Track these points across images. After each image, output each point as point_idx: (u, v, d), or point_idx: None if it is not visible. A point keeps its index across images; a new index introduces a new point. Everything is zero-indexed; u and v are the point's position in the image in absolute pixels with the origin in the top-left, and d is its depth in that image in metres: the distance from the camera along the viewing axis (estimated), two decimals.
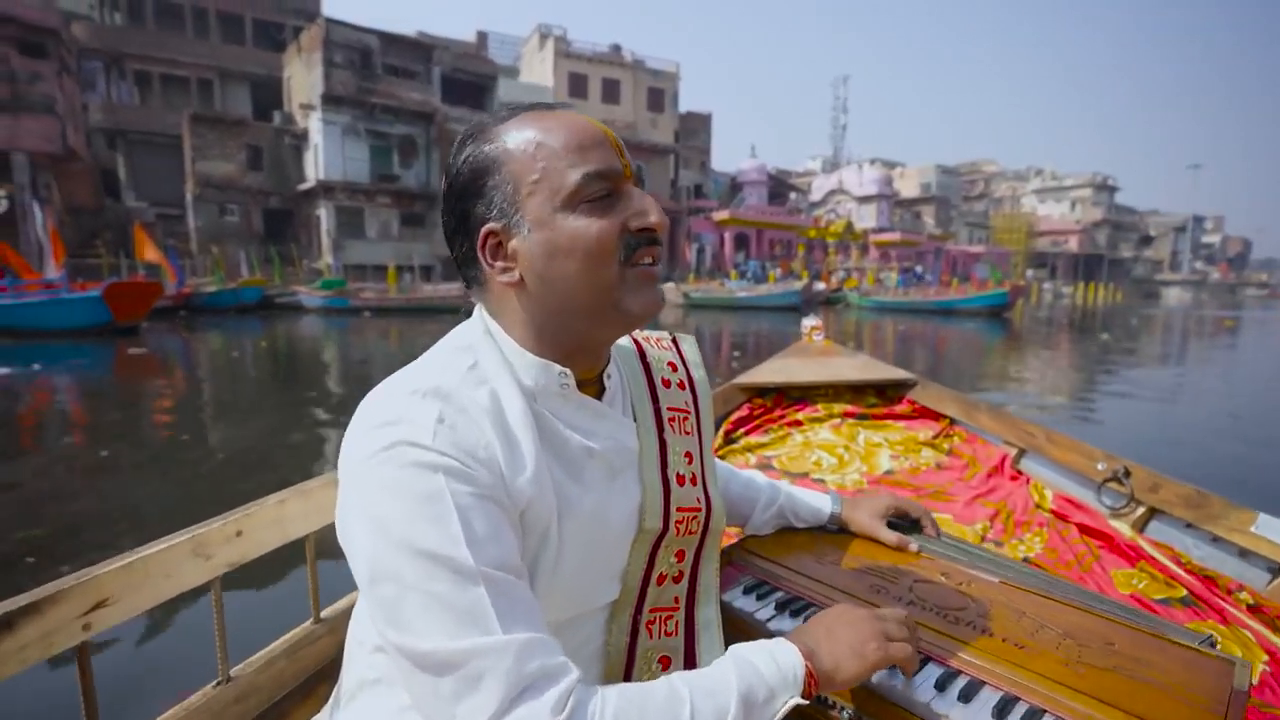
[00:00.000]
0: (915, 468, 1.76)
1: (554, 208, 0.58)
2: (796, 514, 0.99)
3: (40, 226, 13.75)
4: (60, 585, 0.70)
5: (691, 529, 0.73)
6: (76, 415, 5.68)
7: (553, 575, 0.60)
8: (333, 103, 22.46)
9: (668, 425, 0.74)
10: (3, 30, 16.17)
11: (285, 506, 0.95)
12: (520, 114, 0.61)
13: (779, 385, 2.22)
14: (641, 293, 0.61)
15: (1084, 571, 1.28)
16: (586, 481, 0.63)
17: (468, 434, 0.54)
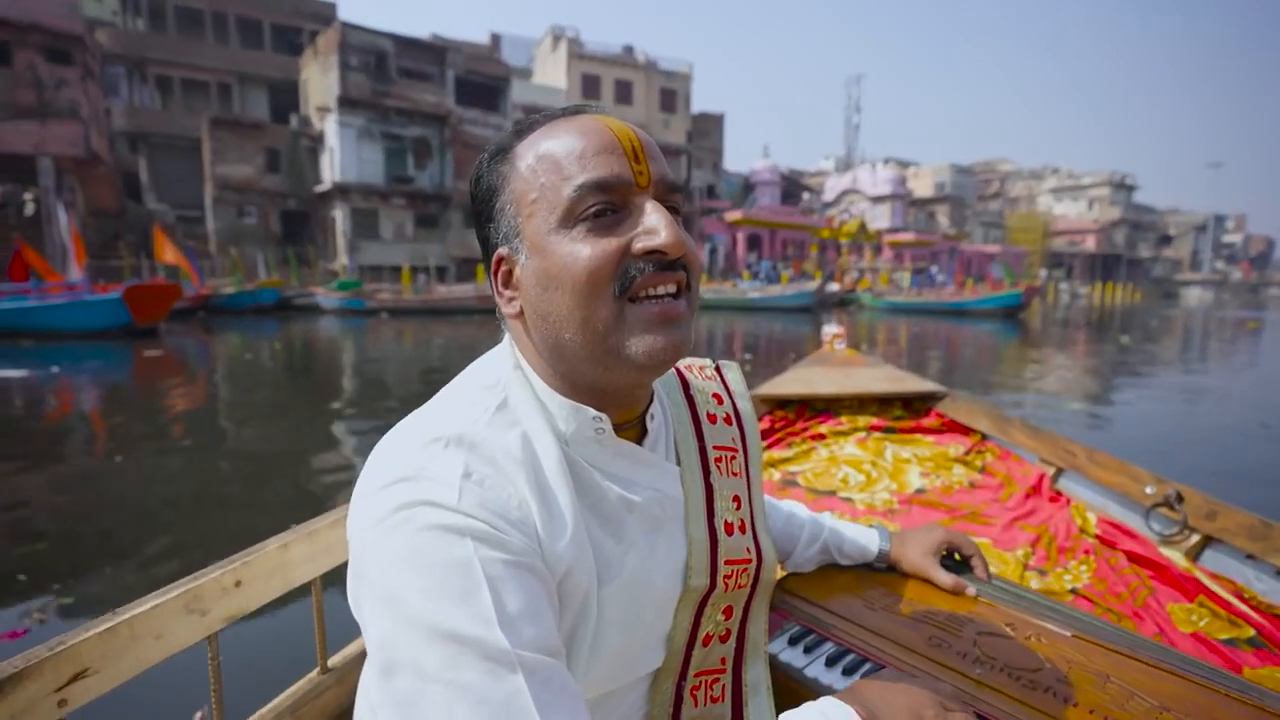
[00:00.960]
0: (948, 486, 1.71)
1: (550, 228, 0.50)
2: (842, 551, 0.92)
3: (64, 229, 14.00)
4: (30, 658, 0.61)
5: (741, 582, 0.67)
6: (92, 418, 5.75)
7: (592, 649, 0.53)
8: (348, 105, 22.65)
9: (714, 467, 0.66)
10: (30, 38, 16.48)
11: (289, 551, 0.87)
12: (541, 124, 0.54)
13: (801, 396, 2.18)
14: (649, 335, 0.49)
15: (1138, 606, 1.20)
16: (627, 539, 0.56)
17: (499, 490, 0.47)
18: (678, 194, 0.54)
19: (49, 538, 2.93)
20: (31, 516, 3.23)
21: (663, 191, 0.52)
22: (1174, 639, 1.10)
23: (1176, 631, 1.13)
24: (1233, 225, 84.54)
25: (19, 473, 3.92)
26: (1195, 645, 1.09)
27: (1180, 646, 1.08)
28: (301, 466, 4.13)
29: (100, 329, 11.22)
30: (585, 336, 0.50)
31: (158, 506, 3.34)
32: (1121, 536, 1.41)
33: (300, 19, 27.48)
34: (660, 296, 0.51)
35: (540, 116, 0.55)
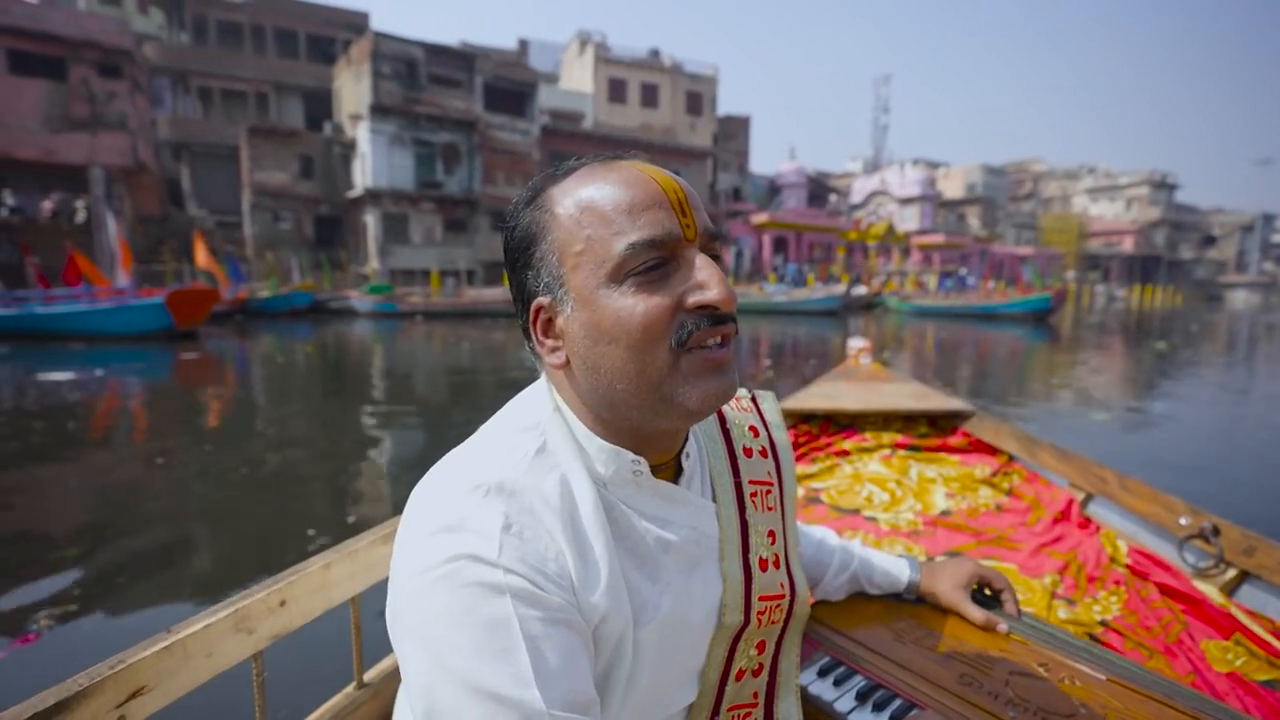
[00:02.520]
0: (974, 509, 1.70)
1: (598, 282, 0.50)
2: (872, 581, 0.92)
3: (112, 235, 14.57)
4: (94, 675, 0.65)
5: (774, 618, 0.67)
6: (132, 419, 6.00)
7: (627, 688, 0.55)
8: (380, 113, 23.14)
9: (749, 502, 0.67)
10: (84, 54, 17.23)
11: (330, 571, 0.90)
12: (577, 170, 0.54)
13: (826, 411, 2.19)
14: (702, 382, 0.51)
15: (1171, 641, 1.17)
16: (663, 579, 0.57)
17: (537, 542, 0.48)
18: (719, 241, 0.55)
19: (82, 537, 3.09)
20: (67, 517, 3.40)
21: (706, 241, 0.53)
22: (1210, 679, 1.08)
23: (1211, 671, 1.10)
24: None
25: (59, 473, 4.13)
26: (1231, 685, 1.06)
27: (1216, 686, 1.06)
28: (335, 466, 4.26)
29: (144, 332, 11.66)
30: (640, 387, 0.51)
31: (193, 509, 3.49)
32: (1154, 567, 1.37)
33: (334, 28, 28.19)
34: (711, 347, 0.52)
35: (574, 162, 0.56)
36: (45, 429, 5.35)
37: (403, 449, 4.83)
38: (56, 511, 3.39)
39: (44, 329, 11.72)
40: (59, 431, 5.30)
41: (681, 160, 32.07)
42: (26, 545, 2.93)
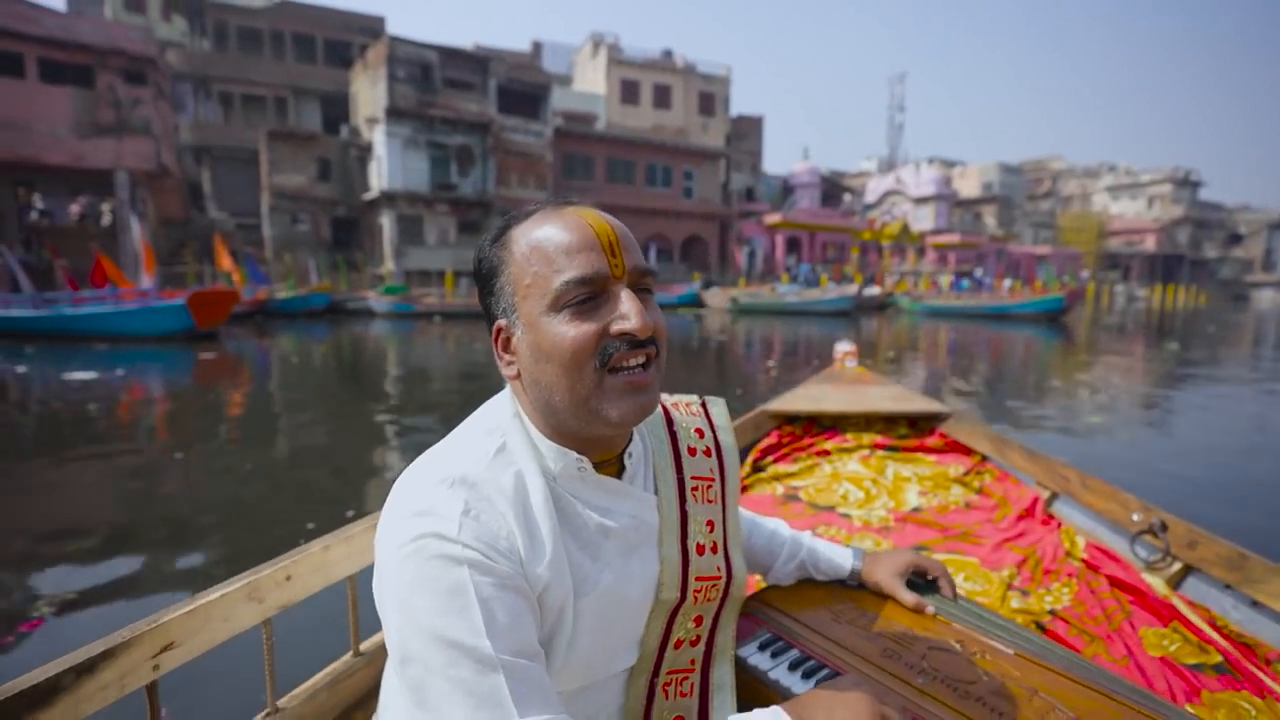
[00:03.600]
0: (944, 506, 1.78)
1: (541, 310, 0.60)
2: (817, 568, 1.01)
3: (136, 238, 14.97)
4: (134, 631, 0.77)
5: (710, 596, 0.76)
6: (149, 416, 6.21)
7: (569, 649, 0.64)
8: (395, 116, 23.48)
9: (690, 495, 0.76)
10: (111, 62, 17.70)
11: (329, 552, 1.03)
12: (534, 215, 0.64)
13: (809, 413, 2.28)
14: (622, 400, 0.60)
15: (1113, 629, 1.25)
16: (604, 559, 0.66)
17: (491, 524, 0.58)
18: (649, 276, 0.64)
19: (98, 527, 3.25)
20: (87, 508, 3.58)
21: (635, 278, 0.62)
22: (1141, 662, 1.15)
23: (1145, 655, 1.17)
24: None
25: (80, 466, 4.32)
26: (1161, 668, 1.13)
27: (1146, 669, 1.14)
28: (346, 462, 4.41)
29: (166, 333, 11.97)
30: (570, 400, 0.61)
31: (208, 501, 3.65)
32: (1106, 561, 1.45)
33: (351, 33, 28.61)
34: (632, 368, 0.61)
35: (533, 207, 0.65)
36: (69, 425, 5.57)
37: (412, 447, 4.98)
38: (77, 503, 3.56)
39: (71, 330, 12.07)
40: (82, 427, 5.52)
41: (694, 161, 32.12)
42: (45, 534, 3.10)
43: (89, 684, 0.72)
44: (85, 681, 0.71)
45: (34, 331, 12.14)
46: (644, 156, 30.56)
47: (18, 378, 8.20)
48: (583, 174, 29.17)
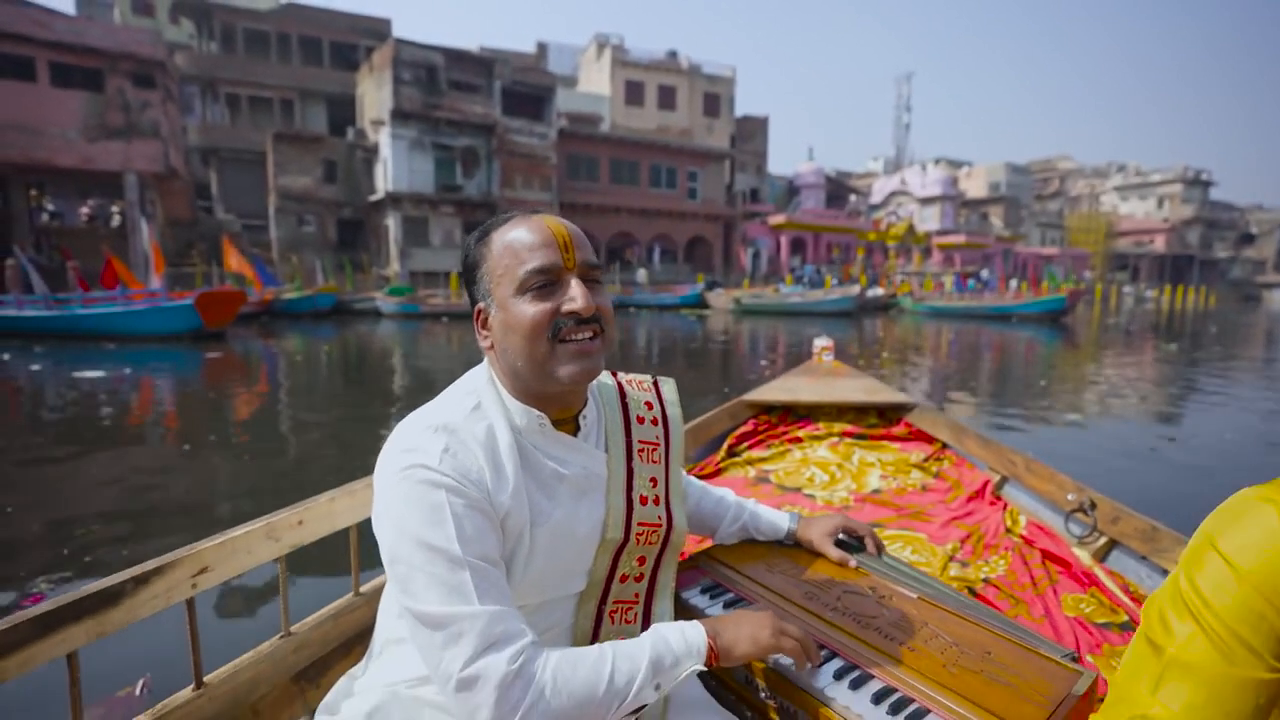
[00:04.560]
0: (902, 488, 1.88)
1: (509, 294, 0.76)
2: (758, 529, 1.15)
3: (145, 239, 15.19)
4: (177, 555, 0.95)
5: (652, 540, 0.90)
6: (152, 411, 6.35)
7: (526, 567, 0.78)
8: (401, 118, 23.68)
9: (637, 455, 0.91)
10: (120, 65, 17.97)
11: (335, 503, 1.19)
12: (509, 220, 0.81)
13: (784, 403, 2.37)
14: (570, 364, 0.76)
15: (1037, 594, 1.36)
16: (557, 499, 0.81)
17: (465, 461, 0.73)
18: (597, 270, 0.80)
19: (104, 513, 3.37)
20: (95, 497, 3.69)
21: (585, 270, 0.78)
22: (1055, 619, 1.28)
23: (1061, 615, 1.29)
24: None
25: (80, 460, 4.44)
26: (1072, 625, 1.26)
27: (1059, 626, 1.26)
28: (349, 453, 4.51)
29: (174, 333, 12.16)
30: (530, 364, 0.76)
31: (212, 490, 3.76)
32: (1042, 537, 1.57)
33: (357, 35, 28.84)
34: (580, 339, 0.77)
35: (509, 215, 0.82)
36: (80, 419, 5.71)
37: None
38: (86, 492, 3.69)
39: (82, 329, 12.28)
40: (91, 422, 5.66)
41: (698, 162, 32.20)
42: (51, 521, 3.22)
43: (144, 592, 0.91)
44: (141, 590, 0.90)
45: (46, 331, 12.36)
46: (648, 157, 30.66)
47: (31, 375, 8.38)
48: (587, 175, 29.30)
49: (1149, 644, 0.61)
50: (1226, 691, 0.54)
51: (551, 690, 0.67)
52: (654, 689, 0.73)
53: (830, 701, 0.77)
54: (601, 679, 0.70)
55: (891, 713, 0.74)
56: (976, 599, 1.29)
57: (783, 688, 0.82)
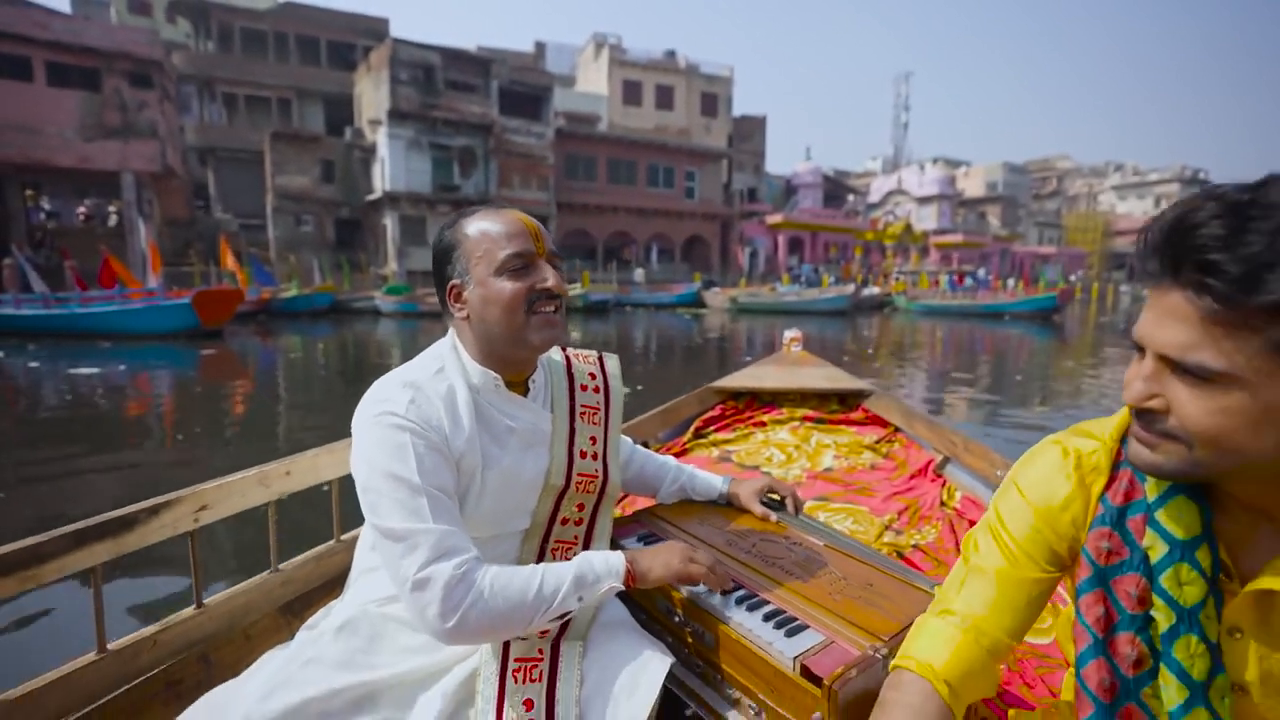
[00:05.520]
0: (852, 467, 1.98)
1: (489, 273, 0.91)
2: (694, 489, 1.28)
3: (143, 239, 15.25)
4: (182, 493, 1.12)
5: (590, 489, 1.04)
6: (146, 407, 6.43)
7: (478, 503, 0.92)
8: (398, 118, 23.75)
9: (579, 417, 1.06)
10: (117, 65, 18.03)
11: (318, 459, 1.35)
12: (479, 212, 0.95)
13: (750, 390, 2.46)
14: (540, 332, 0.93)
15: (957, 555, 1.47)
16: (507, 448, 0.95)
17: (427, 411, 0.88)
18: (557, 257, 0.97)
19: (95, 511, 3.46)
20: (83, 490, 3.78)
21: (550, 257, 0.95)
22: None
23: None
24: None
25: (72, 454, 4.53)
26: None
27: None
28: None
29: (172, 331, 12.23)
30: (507, 331, 0.91)
31: None
32: (972, 509, 1.68)
33: (354, 35, 28.91)
34: (547, 312, 0.92)
35: (476, 208, 0.96)
36: (73, 415, 5.79)
37: None
38: (78, 485, 3.77)
39: (79, 328, 12.35)
40: (83, 417, 5.74)
41: (696, 162, 32.28)
42: (42, 517, 3.30)
43: (154, 521, 1.08)
44: (152, 519, 1.08)
45: (43, 330, 12.43)
46: (646, 157, 30.74)
47: (28, 371, 8.46)
48: (584, 175, 29.38)
49: (962, 561, 0.75)
50: (1009, 587, 0.69)
51: (489, 593, 0.80)
52: (577, 600, 0.85)
53: (729, 621, 0.89)
54: (531, 587, 0.82)
55: (777, 628, 0.86)
56: (902, 561, 1.38)
57: (694, 613, 0.94)
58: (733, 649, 0.88)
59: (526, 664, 0.85)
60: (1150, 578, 0.61)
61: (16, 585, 0.91)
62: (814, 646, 0.81)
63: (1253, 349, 0.49)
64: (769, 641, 0.84)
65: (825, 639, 0.83)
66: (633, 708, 0.81)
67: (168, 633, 1.11)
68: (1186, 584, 0.59)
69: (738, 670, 0.87)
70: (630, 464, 1.25)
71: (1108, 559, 0.64)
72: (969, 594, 0.71)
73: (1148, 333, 0.56)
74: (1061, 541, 0.68)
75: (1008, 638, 0.69)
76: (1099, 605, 0.64)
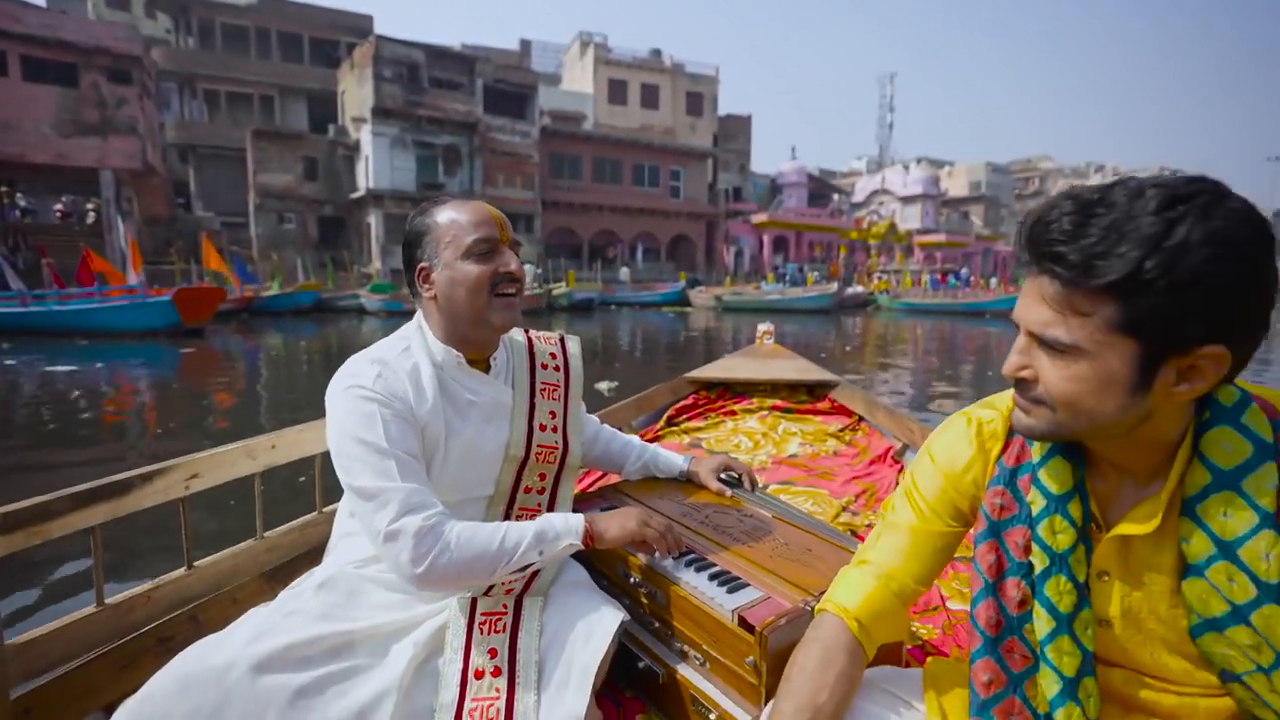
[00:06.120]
0: (816, 454, 2.07)
1: (456, 257, 0.99)
2: (657, 467, 1.37)
3: (122, 237, 15.07)
4: (174, 462, 1.20)
5: (550, 460, 1.12)
6: (123, 404, 6.41)
7: (442, 469, 1.00)
8: (382, 115, 23.61)
9: (539, 393, 1.14)
10: (95, 61, 17.78)
11: (303, 434, 1.44)
12: (448, 202, 1.03)
13: (723, 380, 2.55)
14: (502, 312, 1.01)
15: None
16: (469, 420, 1.03)
17: (393, 384, 0.96)
18: (517, 245, 1.05)
19: None
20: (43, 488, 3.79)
21: (512, 244, 1.04)
22: None
23: None
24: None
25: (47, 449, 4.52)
26: None
27: None
28: None
29: (153, 329, 12.11)
30: (471, 311, 0.99)
31: None
32: None
33: (338, 32, 28.68)
34: (508, 295, 1.01)
35: (445, 196, 1.09)
36: (48, 412, 5.76)
37: None
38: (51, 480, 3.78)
39: (57, 325, 12.19)
40: (58, 413, 5.71)
41: (681, 161, 32.39)
42: None
43: (149, 487, 1.16)
44: (146, 485, 1.15)
45: (19, 327, 12.25)
46: (631, 156, 30.80)
47: (3, 370, 8.36)
48: (570, 174, 29.38)
49: (881, 521, 0.84)
50: (919, 540, 0.79)
51: (455, 544, 0.88)
52: (537, 554, 0.93)
53: (679, 581, 0.99)
54: (495, 540, 0.90)
55: (720, 585, 0.96)
56: (857, 538, 1.47)
57: (649, 575, 1.04)
58: (681, 606, 0.97)
59: (492, 617, 0.93)
60: (1032, 528, 0.70)
61: (24, 539, 1.00)
62: (752, 601, 0.90)
63: (1093, 325, 0.58)
64: (712, 598, 0.93)
65: (763, 594, 0.92)
66: (587, 654, 0.89)
67: (160, 591, 1.20)
68: (1059, 533, 0.68)
69: (686, 625, 0.96)
70: (597, 441, 1.33)
71: (1000, 514, 0.73)
72: (884, 546, 0.80)
73: (1020, 313, 0.65)
74: (964, 500, 0.77)
75: (914, 583, 0.78)
76: (991, 554, 0.73)
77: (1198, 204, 0.54)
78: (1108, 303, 0.56)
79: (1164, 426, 0.63)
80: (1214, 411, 0.62)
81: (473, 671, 0.89)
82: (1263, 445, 0.60)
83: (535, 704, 0.87)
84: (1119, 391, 0.59)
